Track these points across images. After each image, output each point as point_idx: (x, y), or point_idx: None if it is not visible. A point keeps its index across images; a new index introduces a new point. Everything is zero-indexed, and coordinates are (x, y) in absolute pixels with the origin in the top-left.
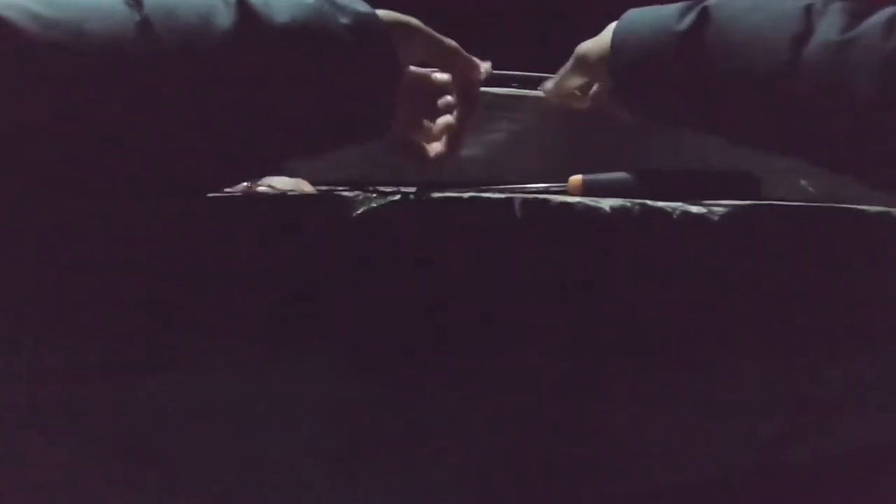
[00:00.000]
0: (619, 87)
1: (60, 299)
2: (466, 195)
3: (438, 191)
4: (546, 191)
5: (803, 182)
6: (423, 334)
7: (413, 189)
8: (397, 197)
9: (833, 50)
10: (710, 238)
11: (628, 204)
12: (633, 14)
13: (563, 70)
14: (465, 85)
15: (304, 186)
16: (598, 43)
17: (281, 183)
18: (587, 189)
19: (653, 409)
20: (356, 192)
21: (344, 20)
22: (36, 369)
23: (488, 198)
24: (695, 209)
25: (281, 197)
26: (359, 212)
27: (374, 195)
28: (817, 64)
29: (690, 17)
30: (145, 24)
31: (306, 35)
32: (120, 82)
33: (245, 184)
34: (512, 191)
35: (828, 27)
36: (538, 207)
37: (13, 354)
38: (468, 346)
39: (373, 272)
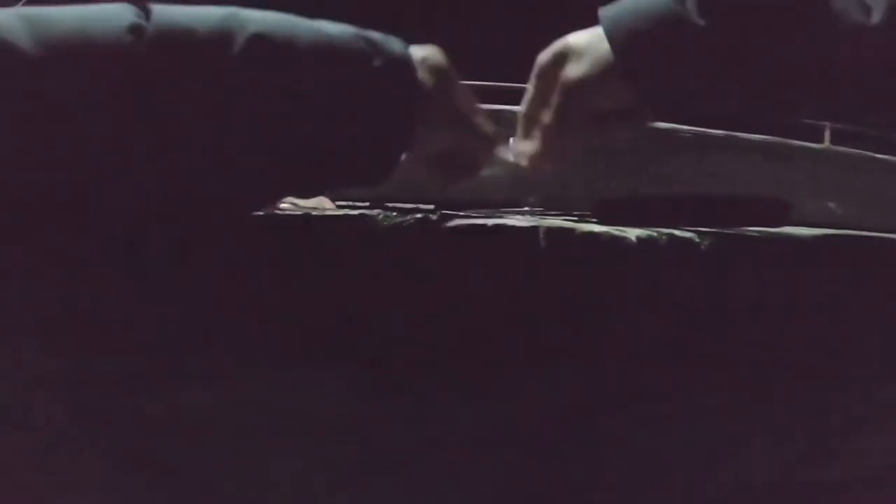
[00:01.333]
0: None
1: (77, 311)
2: (491, 223)
3: (459, 211)
4: (568, 215)
5: (831, 205)
6: (439, 352)
7: (432, 207)
8: (418, 216)
9: None
10: (738, 266)
11: (655, 234)
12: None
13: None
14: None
15: (326, 203)
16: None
17: (303, 200)
18: (610, 214)
19: (673, 430)
20: (377, 211)
21: (377, 62)
22: (51, 379)
23: (513, 226)
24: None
25: (303, 215)
26: (379, 231)
27: (395, 213)
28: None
29: None
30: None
31: (326, 71)
32: (122, 101)
33: None
34: (532, 214)
35: None
36: (563, 236)
37: (24, 364)
38: (484, 365)
39: (390, 290)
